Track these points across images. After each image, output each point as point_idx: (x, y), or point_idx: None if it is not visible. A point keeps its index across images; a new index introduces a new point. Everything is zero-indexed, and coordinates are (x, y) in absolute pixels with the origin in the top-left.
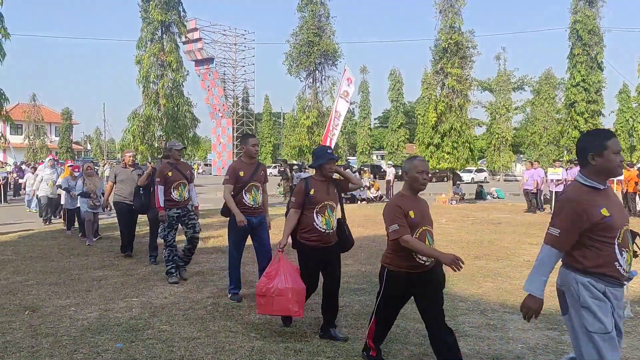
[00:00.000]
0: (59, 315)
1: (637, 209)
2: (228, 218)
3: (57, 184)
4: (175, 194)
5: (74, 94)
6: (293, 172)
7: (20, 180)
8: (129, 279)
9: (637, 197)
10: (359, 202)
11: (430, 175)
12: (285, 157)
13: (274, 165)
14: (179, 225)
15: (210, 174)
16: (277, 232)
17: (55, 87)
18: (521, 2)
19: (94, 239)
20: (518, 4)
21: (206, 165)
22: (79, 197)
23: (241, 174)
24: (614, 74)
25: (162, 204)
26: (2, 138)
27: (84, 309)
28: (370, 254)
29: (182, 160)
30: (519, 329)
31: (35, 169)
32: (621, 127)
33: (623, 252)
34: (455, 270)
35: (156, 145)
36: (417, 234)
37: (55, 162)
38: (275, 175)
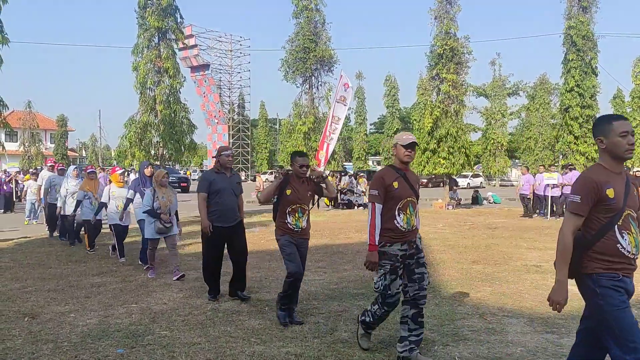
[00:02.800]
0: (59, 321)
1: None
2: None
3: (101, 199)
4: (401, 220)
5: (69, 100)
6: None
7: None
8: (128, 285)
9: None
10: (355, 207)
11: (425, 180)
12: (281, 164)
13: (270, 171)
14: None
15: None
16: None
17: (51, 94)
18: (516, 8)
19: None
20: (513, 9)
21: (202, 171)
22: (144, 215)
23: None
24: (609, 79)
25: (376, 240)
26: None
27: (84, 315)
28: None
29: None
30: (518, 332)
31: (36, 175)
32: None
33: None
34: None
35: (152, 152)
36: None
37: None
38: (271, 182)
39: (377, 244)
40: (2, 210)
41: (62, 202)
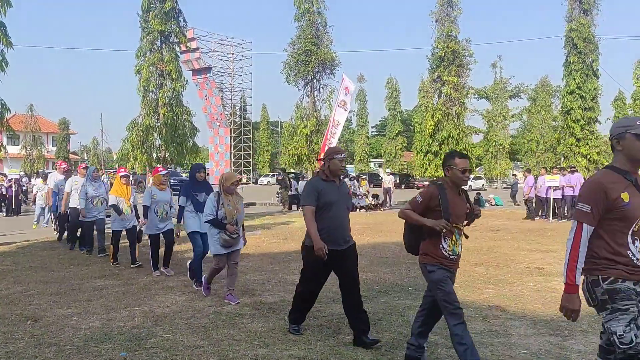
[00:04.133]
0: (61, 324)
1: None
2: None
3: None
4: (636, 250)
5: (72, 104)
6: (292, 181)
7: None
8: (130, 288)
9: None
10: (357, 210)
11: (427, 183)
12: (283, 166)
13: (272, 174)
14: None
15: (208, 182)
16: (272, 242)
17: (53, 97)
18: (517, 10)
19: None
20: (514, 12)
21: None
22: (207, 225)
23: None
24: (610, 81)
25: (577, 279)
26: (2, 149)
27: (86, 318)
28: (371, 261)
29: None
30: (521, 335)
31: (45, 177)
32: None
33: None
34: None
35: (155, 155)
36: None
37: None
38: (273, 184)
39: (577, 283)
40: (5, 214)
41: (82, 205)
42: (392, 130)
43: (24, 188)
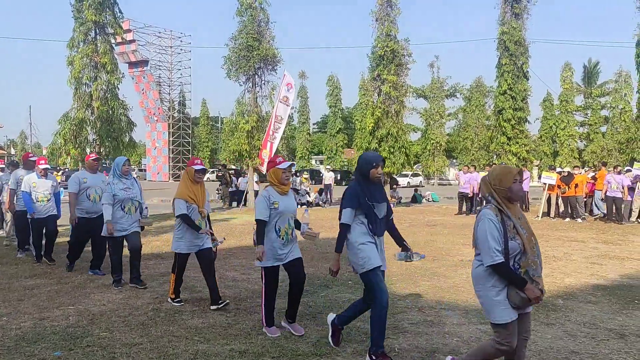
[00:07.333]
0: None
1: (561, 210)
2: None
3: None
4: None
5: None
6: (233, 177)
7: None
8: (64, 287)
9: (560, 200)
10: (299, 206)
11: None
12: (224, 162)
13: (211, 170)
14: None
15: (145, 179)
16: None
17: None
18: (453, 13)
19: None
20: (451, 14)
21: (140, 170)
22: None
23: None
24: (539, 82)
25: None
26: None
27: (17, 318)
28: (312, 256)
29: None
30: (454, 324)
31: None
32: (545, 133)
33: None
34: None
35: (88, 150)
36: None
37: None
38: (213, 181)
39: None
40: None
41: (108, 214)
42: (333, 128)
43: None
